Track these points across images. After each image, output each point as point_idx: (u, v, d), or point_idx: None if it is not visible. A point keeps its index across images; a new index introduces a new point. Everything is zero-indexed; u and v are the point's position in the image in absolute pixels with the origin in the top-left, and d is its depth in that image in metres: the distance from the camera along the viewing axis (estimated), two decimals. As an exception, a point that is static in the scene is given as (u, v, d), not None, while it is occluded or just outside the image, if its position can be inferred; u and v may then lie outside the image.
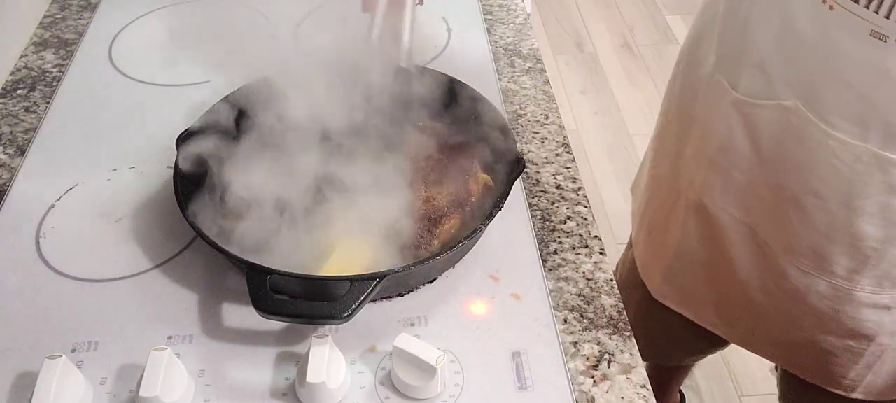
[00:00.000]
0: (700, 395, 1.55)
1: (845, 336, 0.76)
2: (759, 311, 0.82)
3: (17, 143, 0.82)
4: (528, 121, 0.84)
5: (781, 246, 0.75)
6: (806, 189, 0.69)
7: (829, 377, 0.81)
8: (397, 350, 0.55)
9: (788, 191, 0.71)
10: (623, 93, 2.38)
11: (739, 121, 0.73)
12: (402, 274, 0.58)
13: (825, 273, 0.72)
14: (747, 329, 0.87)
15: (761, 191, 0.74)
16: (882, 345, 0.75)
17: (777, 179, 0.71)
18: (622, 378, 0.59)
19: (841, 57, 0.61)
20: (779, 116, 0.68)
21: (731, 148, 0.75)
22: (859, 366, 0.78)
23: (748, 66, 0.70)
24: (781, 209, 0.72)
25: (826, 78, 0.63)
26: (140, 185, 0.75)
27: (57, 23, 1.01)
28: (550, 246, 0.69)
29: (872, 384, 0.79)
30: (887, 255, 0.68)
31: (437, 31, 0.97)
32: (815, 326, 0.77)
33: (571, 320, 0.63)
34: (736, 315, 0.87)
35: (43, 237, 0.70)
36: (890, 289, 0.71)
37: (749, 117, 0.72)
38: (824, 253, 0.71)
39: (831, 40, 0.61)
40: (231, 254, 0.59)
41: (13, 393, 0.57)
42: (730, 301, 0.85)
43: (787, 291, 0.77)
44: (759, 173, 0.73)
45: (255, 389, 0.57)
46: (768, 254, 0.76)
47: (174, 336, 0.61)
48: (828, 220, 0.69)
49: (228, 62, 0.81)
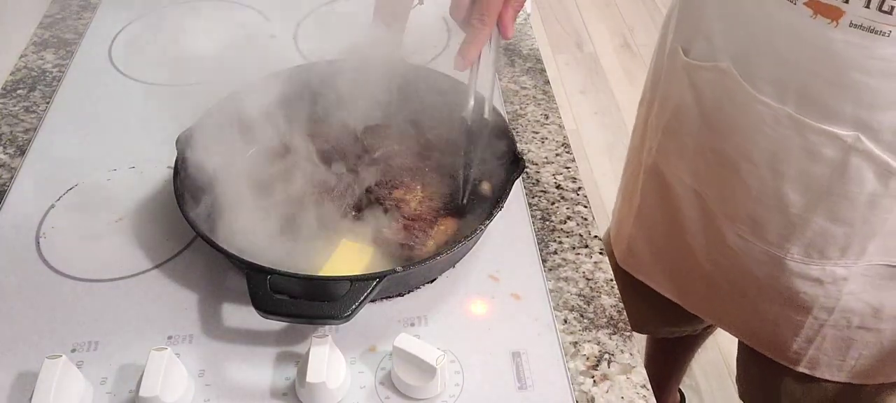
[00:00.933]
0: (700, 395, 1.55)
1: (784, 306, 0.78)
2: (708, 279, 0.85)
3: (17, 143, 0.82)
4: (528, 121, 0.84)
5: (723, 212, 0.77)
6: (741, 153, 0.72)
7: (776, 347, 0.83)
8: (397, 351, 0.55)
9: (728, 156, 0.73)
10: (623, 94, 2.38)
11: (688, 86, 0.76)
12: (402, 274, 0.58)
13: (760, 239, 0.75)
14: (700, 297, 0.90)
15: (707, 155, 0.77)
16: (819, 320, 0.77)
17: (719, 144, 0.74)
18: (622, 378, 0.59)
19: (765, 22, 0.65)
20: (716, 78, 0.72)
21: (681, 112, 0.78)
22: (800, 339, 0.80)
23: (698, 34, 0.74)
24: (723, 174, 0.75)
25: (754, 41, 0.67)
26: (140, 185, 0.75)
27: (57, 23, 1.01)
28: (550, 246, 0.69)
29: (816, 359, 0.81)
30: (811, 223, 0.70)
31: (437, 31, 0.97)
32: (757, 294, 0.80)
33: (571, 320, 0.63)
34: (689, 282, 0.89)
35: (43, 237, 0.70)
36: (819, 260, 0.72)
37: (694, 80, 0.75)
38: (758, 219, 0.74)
39: (760, 5, 0.64)
40: (231, 254, 0.59)
41: (13, 393, 0.57)
42: (683, 268, 0.88)
43: (729, 258, 0.79)
44: (706, 138, 0.76)
45: (255, 389, 0.57)
46: (713, 220, 0.79)
47: (174, 336, 0.61)
48: (759, 185, 0.72)
49: (228, 62, 0.81)
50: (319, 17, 1.00)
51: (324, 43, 0.92)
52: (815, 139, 0.66)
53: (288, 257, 0.62)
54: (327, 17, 1.00)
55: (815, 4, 0.60)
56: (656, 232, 0.90)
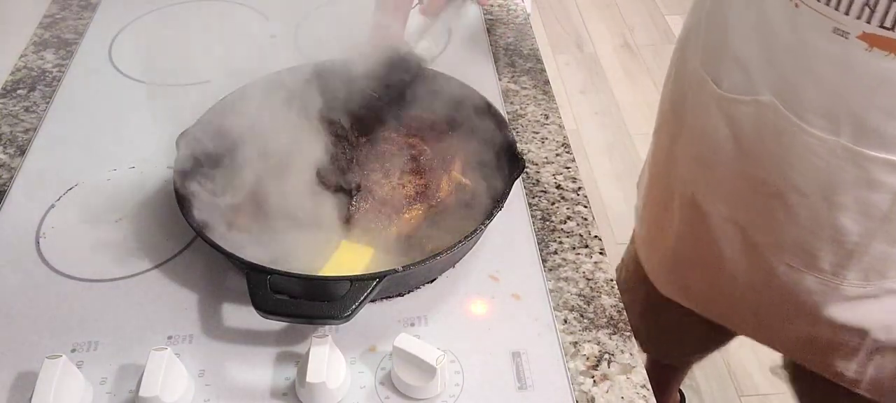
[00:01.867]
0: (700, 395, 1.55)
1: (838, 331, 0.76)
2: (754, 307, 0.83)
3: (17, 143, 0.82)
4: (528, 121, 0.84)
5: (769, 243, 0.75)
6: (788, 185, 0.70)
7: (832, 370, 0.81)
8: (397, 351, 0.55)
9: (772, 187, 0.72)
10: (623, 93, 2.38)
11: (722, 118, 0.74)
12: (402, 274, 0.58)
13: (812, 269, 0.73)
14: (750, 324, 0.88)
15: (746, 187, 0.75)
16: (878, 341, 0.75)
17: (760, 175, 0.72)
18: (622, 378, 0.59)
19: (810, 54, 0.63)
20: (757, 112, 0.69)
21: (716, 144, 0.76)
22: (857, 361, 0.78)
23: (729, 63, 0.72)
24: (768, 206, 0.73)
25: (798, 74, 0.65)
26: (140, 185, 0.75)
27: (57, 23, 1.01)
28: (550, 246, 0.69)
29: (877, 381, 0.79)
30: (870, 249, 0.69)
31: (436, 32, 0.97)
32: (808, 321, 0.77)
33: (571, 320, 0.63)
34: (736, 309, 0.87)
35: (43, 237, 0.70)
36: (877, 281, 0.71)
37: (730, 114, 0.73)
38: (810, 249, 0.72)
39: (801, 38, 0.63)
40: (231, 254, 0.59)
41: (13, 393, 0.57)
42: (727, 296, 0.86)
43: (776, 288, 0.77)
44: (743, 169, 0.74)
45: (255, 389, 0.57)
46: (757, 251, 0.77)
47: (174, 336, 0.61)
48: (811, 216, 0.70)
49: (228, 62, 0.81)
50: (319, 16, 1.00)
51: (324, 42, 0.92)
52: (874, 168, 0.64)
53: (288, 256, 0.62)
54: (327, 17, 1.00)
55: (872, 38, 0.58)
56: (695, 261, 0.88)
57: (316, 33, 0.97)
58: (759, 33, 0.67)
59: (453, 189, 0.69)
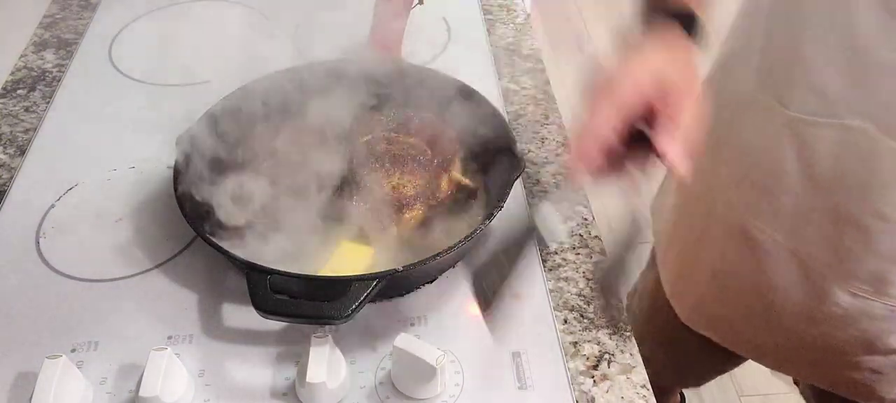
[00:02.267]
0: (700, 395, 1.55)
1: (892, 354, 0.74)
2: (798, 337, 0.79)
3: (17, 143, 0.82)
4: (528, 121, 0.84)
5: (834, 271, 0.72)
6: (870, 211, 0.66)
7: (870, 394, 0.79)
8: (397, 351, 0.55)
9: (847, 214, 0.68)
10: (623, 94, 2.38)
11: (791, 142, 0.70)
12: (402, 274, 0.58)
13: (882, 295, 0.70)
14: (783, 356, 0.85)
15: (813, 215, 0.71)
16: None
17: (834, 202, 0.69)
18: (622, 378, 0.59)
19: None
20: (840, 137, 0.66)
21: (780, 170, 0.71)
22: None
23: (801, 86, 0.67)
24: (840, 234, 0.70)
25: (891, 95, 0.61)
26: (140, 185, 0.75)
27: (57, 23, 1.01)
28: (550, 246, 0.69)
29: None
30: None
31: (437, 31, 0.97)
32: (862, 348, 0.75)
33: (571, 320, 0.63)
34: (772, 341, 0.84)
35: (43, 237, 0.70)
36: None
37: (803, 137, 0.69)
38: (883, 276, 0.69)
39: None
40: (231, 254, 0.59)
41: (13, 393, 0.57)
42: (766, 327, 0.82)
43: (832, 317, 0.74)
44: (812, 196, 0.70)
45: (255, 389, 0.57)
46: (815, 280, 0.74)
47: (174, 336, 0.61)
48: (891, 241, 0.67)
49: (228, 62, 0.81)
50: (319, 17, 1.00)
51: (323, 43, 0.92)
52: None
53: (288, 256, 0.62)
54: (327, 17, 1.00)
55: None
56: (737, 290, 0.83)
57: (315, 33, 0.97)
58: (845, 55, 0.63)
59: (453, 189, 0.69)
